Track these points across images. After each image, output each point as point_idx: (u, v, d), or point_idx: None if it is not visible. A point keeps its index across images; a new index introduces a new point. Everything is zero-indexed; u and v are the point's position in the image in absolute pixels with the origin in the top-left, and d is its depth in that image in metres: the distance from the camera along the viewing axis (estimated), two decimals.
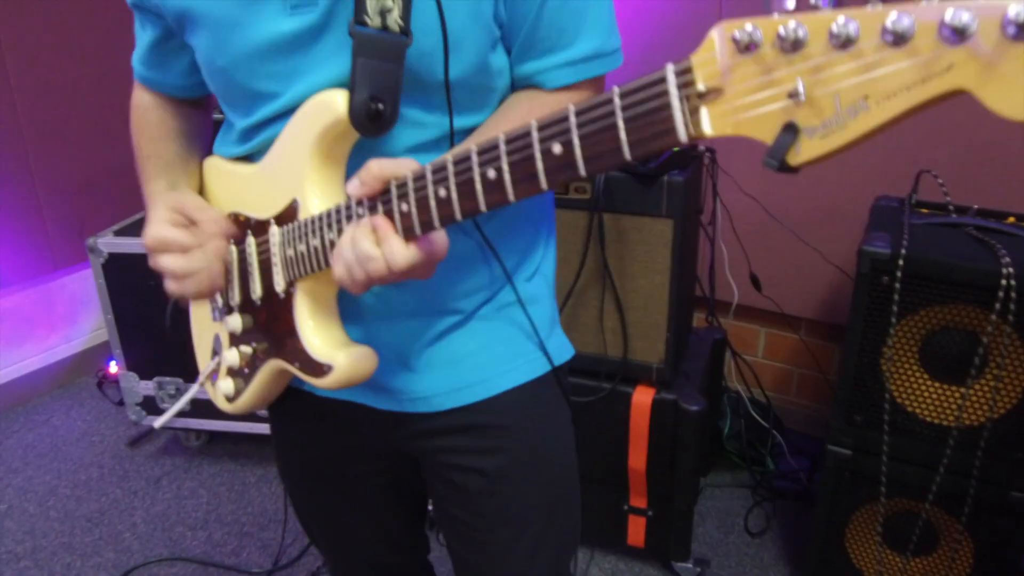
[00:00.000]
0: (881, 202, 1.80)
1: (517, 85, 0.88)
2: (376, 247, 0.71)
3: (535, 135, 0.62)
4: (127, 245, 2.25)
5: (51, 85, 2.77)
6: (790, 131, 0.48)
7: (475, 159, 0.66)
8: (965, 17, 0.42)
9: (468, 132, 0.86)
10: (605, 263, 1.74)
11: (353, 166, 0.81)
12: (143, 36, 0.97)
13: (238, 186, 0.94)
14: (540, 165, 0.62)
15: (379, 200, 0.73)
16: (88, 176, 2.93)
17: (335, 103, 0.78)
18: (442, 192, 0.68)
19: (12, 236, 2.78)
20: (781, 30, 0.48)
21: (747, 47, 0.49)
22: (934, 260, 1.48)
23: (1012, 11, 0.40)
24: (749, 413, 2.32)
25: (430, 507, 1.23)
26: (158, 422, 1.03)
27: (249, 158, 0.93)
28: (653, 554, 2.01)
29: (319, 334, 0.85)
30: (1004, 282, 1.41)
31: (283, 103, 0.83)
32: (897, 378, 1.59)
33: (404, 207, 0.71)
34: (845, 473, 1.72)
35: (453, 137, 0.84)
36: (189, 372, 2.38)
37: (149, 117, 1.02)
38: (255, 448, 2.57)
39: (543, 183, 0.62)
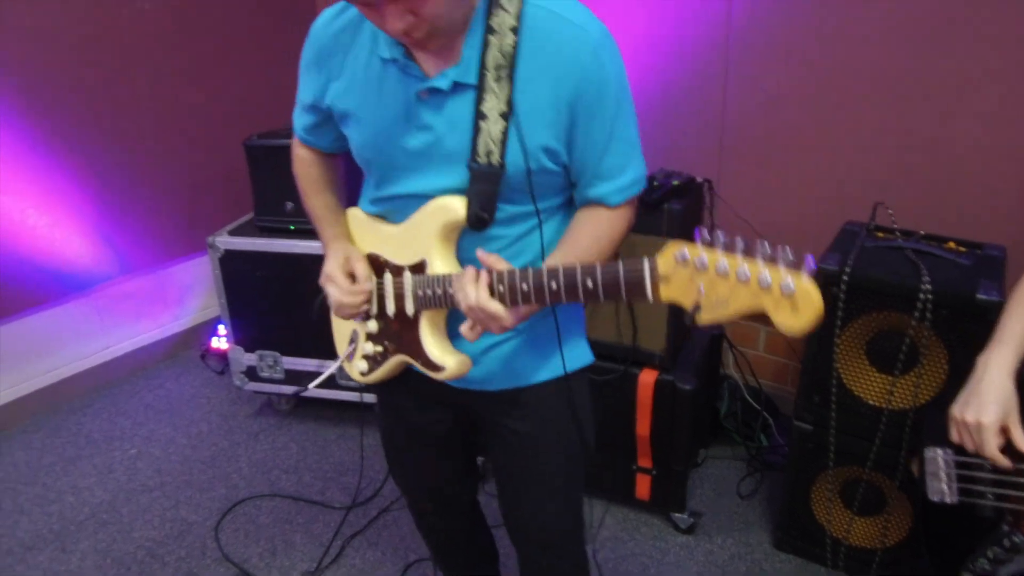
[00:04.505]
0: (847, 226, 2.19)
1: (583, 200, 1.27)
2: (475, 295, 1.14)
3: (579, 274, 1.06)
4: (240, 243, 2.78)
5: (172, 106, 3.32)
6: (697, 308, 0.97)
7: (546, 277, 1.09)
8: (769, 277, 0.89)
9: (543, 211, 1.26)
10: None
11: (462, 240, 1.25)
12: (307, 117, 1.38)
13: (379, 236, 1.36)
14: (581, 291, 1.07)
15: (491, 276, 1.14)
16: (198, 182, 3.49)
17: (458, 210, 1.19)
18: (524, 287, 1.11)
19: (136, 230, 3.35)
20: (696, 260, 0.95)
21: (682, 261, 0.96)
22: (871, 276, 1.88)
23: (787, 280, 0.87)
24: (744, 397, 2.74)
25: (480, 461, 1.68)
26: (312, 384, 1.48)
27: (382, 217, 1.35)
28: (656, 506, 2.43)
29: (437, 345, 1.30)
30: (922, 296, 1.81)
31: (406, 188, 1.26)
32: (846, 367, 2.00)
33: (501, 288, 1.12)
34: (808, 444, 2.12)
35: (540, 215, 1.25)
36: (283, 347, 2.90)
37: (312, 172, 1.46)
38: (334, 412, 3.09)
39: (581, 299, 1.08)
